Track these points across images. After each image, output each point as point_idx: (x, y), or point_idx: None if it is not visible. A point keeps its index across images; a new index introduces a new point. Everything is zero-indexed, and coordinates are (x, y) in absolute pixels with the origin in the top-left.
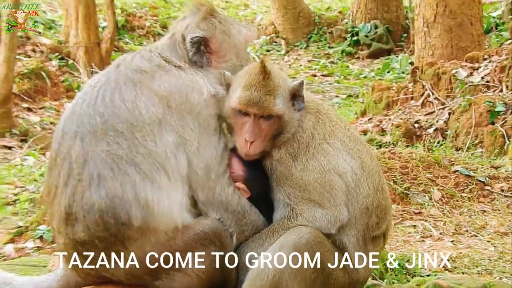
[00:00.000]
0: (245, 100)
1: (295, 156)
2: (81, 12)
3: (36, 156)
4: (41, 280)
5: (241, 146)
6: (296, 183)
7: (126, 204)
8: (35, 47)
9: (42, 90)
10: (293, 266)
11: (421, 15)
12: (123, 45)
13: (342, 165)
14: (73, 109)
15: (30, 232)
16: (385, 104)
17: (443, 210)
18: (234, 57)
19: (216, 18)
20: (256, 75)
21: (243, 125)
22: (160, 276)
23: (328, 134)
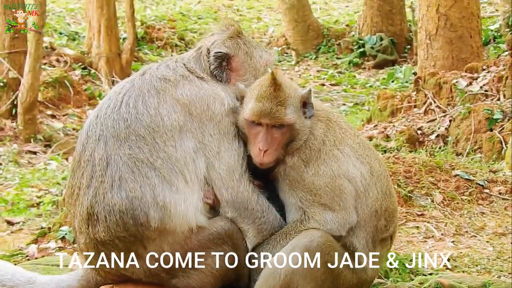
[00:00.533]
0: (257, 111)
1: (307, 162)
2: (103, 24)
3: (59, 161)
4: (62, 279)
5: (255, 155)
6: (308, 187)
7: (145, 205)
8: (59, 57)
9: (66, 98)
10: (305, 267)
11: (423, 28)
12: (142, 56)
13: (351, 170)
14: (98, 113)
15: (52, 233)
16: (389, 111)
17: (444, 212)
18: (252, 78)
19: (241, 39)
20: (267, 86)
21: (257, 135)
22: (177, 274)
23: (338, 141)
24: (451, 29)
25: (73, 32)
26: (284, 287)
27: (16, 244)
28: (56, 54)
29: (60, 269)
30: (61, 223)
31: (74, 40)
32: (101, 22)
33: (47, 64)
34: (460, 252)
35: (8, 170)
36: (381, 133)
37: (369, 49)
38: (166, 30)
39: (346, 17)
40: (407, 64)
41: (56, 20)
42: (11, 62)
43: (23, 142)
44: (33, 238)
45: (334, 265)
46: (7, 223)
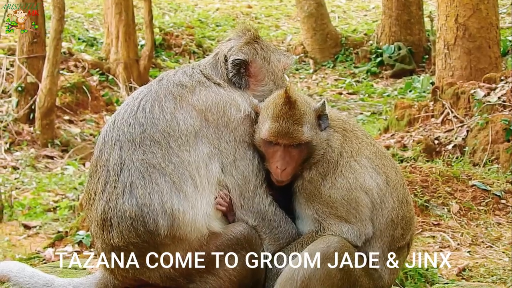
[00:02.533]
0: (274, 132)
1: (324, 175)
2: (121, 30)
3: (76, 166)
4: (80, 282)
5: (273, 172)
6: (324, 200)
7: (153, 213)
8: (77, 63)
9: (83, 103)
10: (321, 272)
11: (442, 38)
12: (160, 62)
13: (368, 182)
14: (115, 119)
15: (69, 237)
16: (407, 121)
17: (460, 222)
18: (271, 82)
19: (259, 44)
20: (282, 105)
21: (274, 154)
22: (194, 279)
23: (355, 152)
24: (470, 39)
25: (91, 38)
26: None
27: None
28: (74, 59)
29: (77, 272)
30: (78, 228)
31: (92, 46)
32: (120, 28)
33: (65, 69)
34: (476, 262)
35: (25, 174)
36: (398, 143)
37: (387, 58)
38: (184, 37)
39: (364, 26)
40: (425, 74)
41: (74, 26)
42: (29, 67)
43: (41, 147)
44: (49, 242)
45: (351, 272)
46: (24, 227)
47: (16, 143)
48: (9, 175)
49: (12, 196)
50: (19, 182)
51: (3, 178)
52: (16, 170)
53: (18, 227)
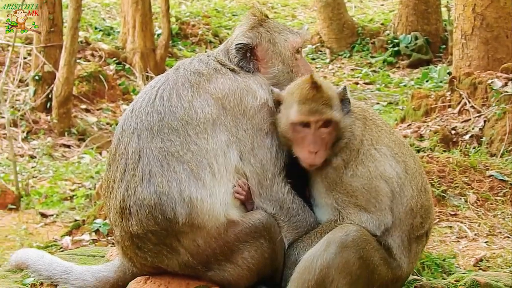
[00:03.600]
0: (305, 111)
1: (347, 162)
2: (138, 20)
3: (93, 155)
4: (99, 270)
5: (305, 157)
6: (345, 189)
7: (172, 201)
8: (94, 52)
9: (100, 92)
10: (340, 261)
11: (459, 28)
12: (176, 52)
13: (388, 171)
14: (133, 107)
15: (86, 226)
16: (423, 111)
17: (477, 212)
18: (279, 63)
19: (264, 27)
20: (308, 89)
21: (305, 137)
22: (213, 267)
23: (375, 140)
24: (487, 29)
25: (108, 27)
26: (319, 281)
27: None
28: (91, 48)
29: (96, 259)
30: (95, 216)
31: (109, 35)
32: (136, 17)
33: (82, 58)
34: (493, 252)
35: (42, 163)
36: (415, 133)
37: (403, 48)
38: (200, 26)
39: (381, 16)
40: (442, 63)
41: (91, 15)
42: (46, 56)
43: (57, 136)
44: (66, 231)
45: (370, 260)
46: (41, 215)
47: (33, 132)
48: (26, 164)
49: (29, 184)
50: (36, 171)
51: (20, 167)
52: (33, 158)
53: (35, 216)
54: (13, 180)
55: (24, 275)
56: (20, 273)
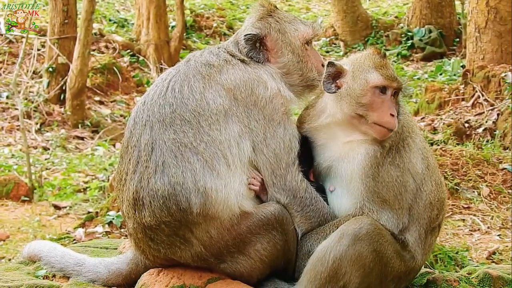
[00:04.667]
0: (387, 76)
1: (391, 146)
2: (152, 12)
3: (106, 147)
4: (112, 262)
5: (387, 121)
6: (381, 176)
7: (186, 191)
8: (108, 44)
9: (114, 84)
10: (353, 253)
11: (473, 21)
12: (191, 44)
13: (417, 166)
14: (145, 100)
15: (100, 218)
16: (437, 104)
17: (490, 205)
18: (289, 53)
19: (273, 17)
20: (380, 58)
21: (383, 102)
22: (225, 259)
23: (411, 128)
24: (501, 23)
25: (122, 19)
26: (332, 273)
27: (63, 228)
28: (105, 40)
29: (108, 251)
30: (108, 208)
31: (123, 27)
32: (150, 9)
33: (96, 50)
34: (506, 245)
35: (55, 155)
36: (429, 126)
37: (417, 41)
38: (215, 18)
39: (395, 9)
40: (455, 57)
41: (105, 7)
42: (60, 48)
43: (71, 128)
44: (79, 223)
45: (383, 253)
46: (54, 207)
47: (47, 123)
48: (39, 156)
49: (43, 176)
50: (50, 163)
51: (33, 159)
52: (46, 150)
53: (48, 208)
54: (26, 172)
55: (36, 267)
56: (33, 265)
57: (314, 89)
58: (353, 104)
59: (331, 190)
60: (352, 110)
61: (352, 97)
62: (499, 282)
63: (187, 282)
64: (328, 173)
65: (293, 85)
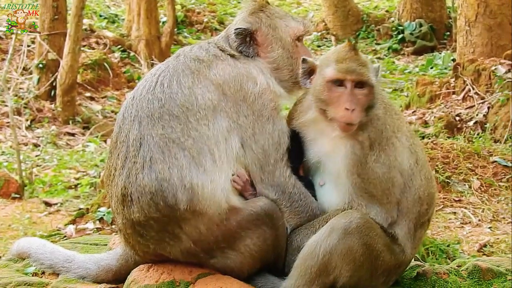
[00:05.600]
0: (343, 69)
1: (373, 142)
2: (143, 7)
3: (97, 143)
4: (101, 258)
5: (341, 116)
6: (367, 173)
7: (173, 187)
8: (99, 40)
9: (105, 80)
10: (343, 247)
11: (463, 15)
12: (182, 39)
13: (405, 162)
14: (134, 95)
15: (91, 214)
16: (428, 98)
17: (481, 198)
18: (280, 48)
19: (265, 12)
20: (346, 51)
21: (340, 96)
22: (215, 255)
23: (396, 127)
24: (491, 16)
25: (113, 15)
26: (322, 267)
27: (54, 225)
28: (95, 36)
29: (98, 248)
30: (99, 204)
31: (113, 22)
32: (141, 5)
33: (86, 46)
34: (497, 238)
35: (46, 151)
36: (420, 119)
37: (408, 35)
38: (206, 13)
39: (386, 3)
40: (446, 50)
41: (96, 2)
42: (50, 44)
43: (62, 124)
44: (70, 219)
45: (373, 247)
46: (45, 204)
47: (37, 120)
48: (30, 152)
49: (33, 173)
50: (40, 159)
51: (24, 155)
52: (37, 147)
53: (39, 204)
54: (16, 169)
55: (25, 264)
56: (22, 262)
57: (298, 84)
58: (315, 100)
59: (321, 184)
60: (315, 106)
61: (314, 93)
62: (488, 274)
63: (177, 277)
64: (317, 168)
65: (283, 80)
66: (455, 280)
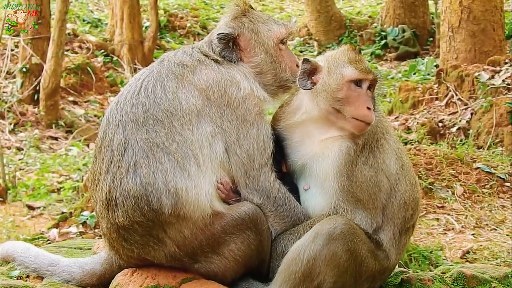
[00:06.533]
0: (362, 69)
1: (364, 145)
2: (126, 12)
3: (80, 147)
4: (85, 262)
5: (363, 115)
6: (355, 176)
7: (157, 192)
8: (82, 44)
9: (88, 84)
10: (327, 253)
11: (446, 21)
12: (164, 44)
13: (391, 166)
14: (118, 100)
15: (74, 218)
16: (411, 103)
17: (465, 204)
18: (263, 53)
19: (247, 17)
20: (353, 53)
21: (359, 96)
22: (199, 259)
23: (385, 130)
24: (474, 22)
25: (96, 19)
26: (306, 273)
27: (37, 229)
28: (78, 40)
29: (82, 252)
30: (82, 208)
31: (96, 27)
32: (124, 9)
33: (69, 50)
34: (480, 245)
35: (29, 155)
36: (402, 125)
37: (391, 40)
38: (188, 18)
39: (368, 9)
40: (429, 56)
41: (79, 7)
42: (34, 48)
43: (45, 128)
44: (53, 223)
45: (358, 253)
46: (28, 207)
47: (20, 124)
48: (13, 156)
49: (16, 177)
50: (23, 163)
51: (7, 159)
52: (20, 151)
53: (22, 208)
54: (0, 172)
55: (10, 268)
56: (6, 266)
57: (288, 89)
58: (329, 99)
59: (305, 189)
60: (328, 105)
61: (328, 92)
62: (473, 281)
63: (162, 282)
64: (302, 171)
65: (267, 84)
66: (439, 287)
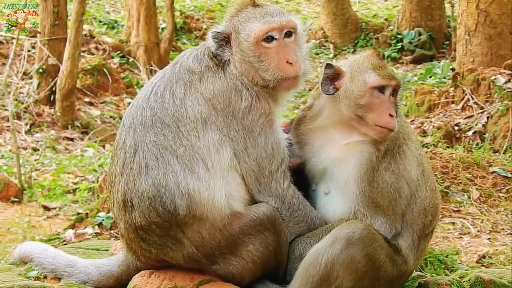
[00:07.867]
0: (385, 75)
1: (386, 150)
2: (142, 13)
3: (96, 148)
4: (103, 263)
5: (386, 122)
6: (377, 181)
7: (170, 193)
8: (98, 45)
9: (104, 85)
10: (345, 258)
11: (463, 24)
12: (180, 46)
13: (412, 173)
14: (133, 103)
15: (90, 219)
16: (427, 107)
17: (480, 208)
18: (242, 53)
19: (240, 16)
20: (377, 59)
21: (382, 103)
22: (217, 260)
23: (407, 135)
24: (491, 26)
25: (112, 21)
26: (324, 277)
27: (53, 229)
28: (95, 42)
29: (100, 253)
30: (98, 209)
31: (113, 28)
32: (140, 11)
33: (86, 51)
34: (496, 249)
35: (45, 156)
36: (418, 128)
37: (407, 44)
38: (204, 20)
39: (385, 11)
40: (445, 59)
41: (95, 8)
42: (50, 49)
43: (61, 129)
44: (69, 224)
45: (376, 258)
46: (43, 208)
47: (37, 124)
48: (29, 157)
49: (32, 177)
50: (39, 164)
51: (23, 159)
52: (36, 151)
53: (38, 208)
54: (16, 172)
55: (28, 268)
56: (24, 266)
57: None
58: (352, 105)
59: (326, 192)
60: (351, 111)
61: (350, 98)
62: (491, 286)
63: (179, 284)
64: (323, 175)
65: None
66: None
